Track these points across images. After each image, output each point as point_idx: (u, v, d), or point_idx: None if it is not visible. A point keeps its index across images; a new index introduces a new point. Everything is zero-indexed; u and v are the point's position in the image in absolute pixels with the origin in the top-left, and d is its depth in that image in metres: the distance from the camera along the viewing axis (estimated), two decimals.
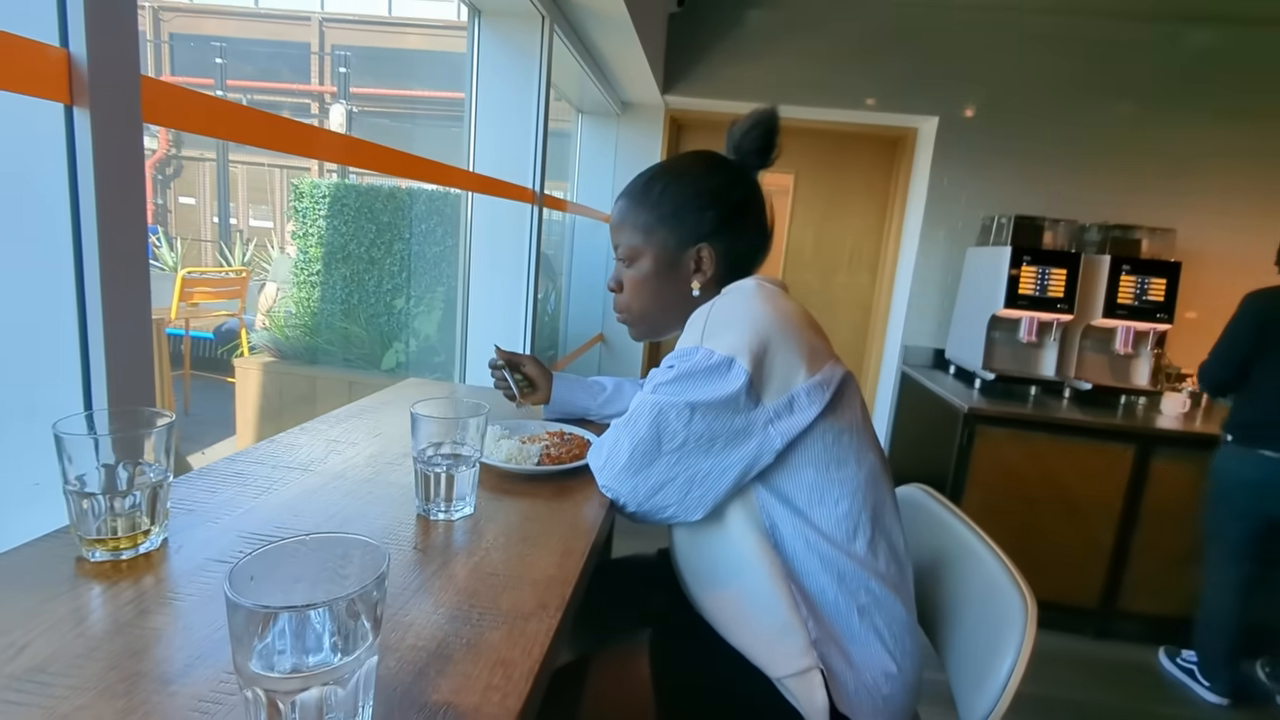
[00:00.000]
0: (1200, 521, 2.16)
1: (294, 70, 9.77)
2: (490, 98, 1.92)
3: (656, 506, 0.80)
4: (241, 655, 0.36)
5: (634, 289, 0.92)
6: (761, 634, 0.76)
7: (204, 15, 9.97)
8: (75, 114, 0.61)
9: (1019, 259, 2.42)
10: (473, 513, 0.75)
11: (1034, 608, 0.74)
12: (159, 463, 0.61)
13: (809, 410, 0.75)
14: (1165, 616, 2.29)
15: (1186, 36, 2.69)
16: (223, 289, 4.15)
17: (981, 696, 0.73)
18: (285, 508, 0.72)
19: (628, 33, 2.08)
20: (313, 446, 0.91)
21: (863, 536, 0.78)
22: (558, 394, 1.12)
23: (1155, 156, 2.77)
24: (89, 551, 0.58)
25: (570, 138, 3.24)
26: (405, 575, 0.61)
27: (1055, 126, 2.79)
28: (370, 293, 2.85)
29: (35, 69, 0.58)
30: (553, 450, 0.92)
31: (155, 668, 0.45)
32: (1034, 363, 2.57)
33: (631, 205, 0.91)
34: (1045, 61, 2.77)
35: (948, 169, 2.87)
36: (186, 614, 0.51)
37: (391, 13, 10.00)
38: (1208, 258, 2.76)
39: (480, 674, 0.48)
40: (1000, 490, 2.28)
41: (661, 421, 0.77)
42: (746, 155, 0.91)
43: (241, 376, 2.94)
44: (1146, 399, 2.49)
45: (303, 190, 2.85)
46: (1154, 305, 2.43)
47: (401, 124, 9.11)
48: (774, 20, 2.87)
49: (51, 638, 0.47)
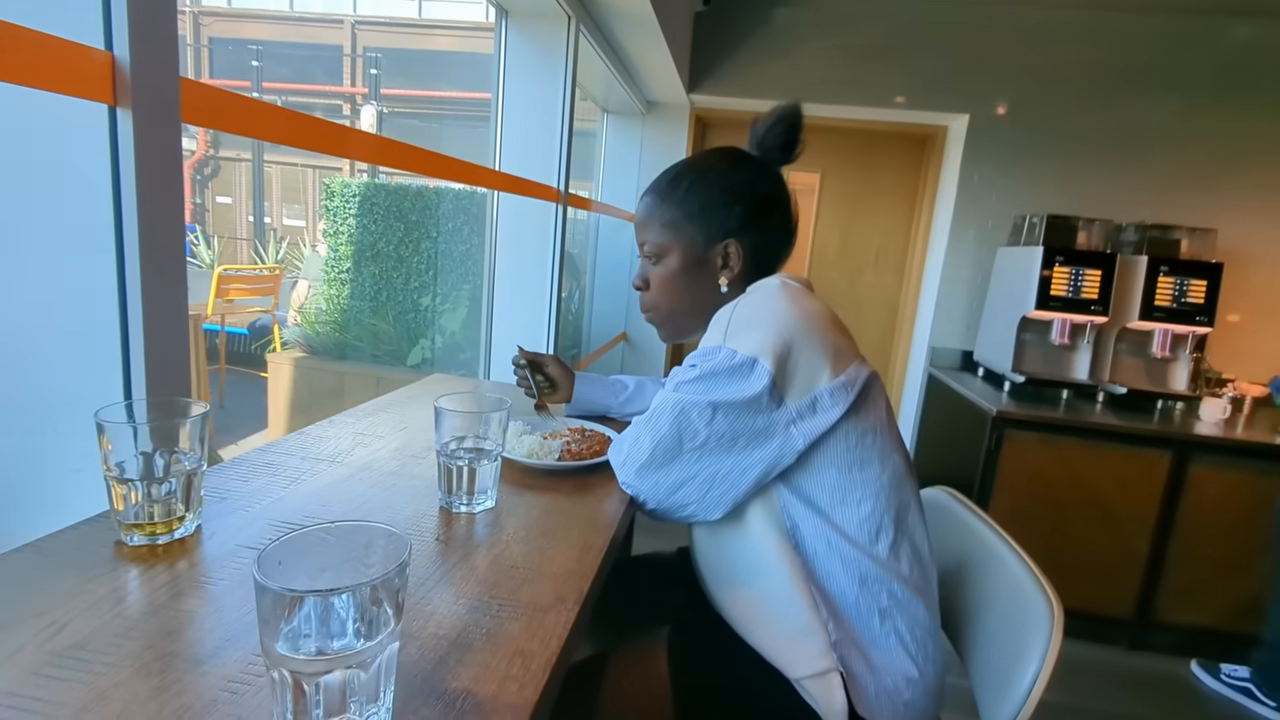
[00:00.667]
0: (1245, 532, 2.10)
1: (327, 72, 9.97)
2: (516, 98, 1.94)
3: (676, 504, 0.80)
4: (269, 637, 0.38)
5: (661, 286, 0.92)
6: (781, 635, 0.76)
7: (242, 19, 10.23)
8: (118, 114, 0.63)
9: (1051, 259, 2.36)
10: (494, 506, 0.76)
11: (1060, 613, 0.72)
12: (194, 451, 0.63)
13: (832, 411, 0.75)
14: (1203, 628, 2.22)
15: (1227, 31, 2.60)
16: (257, 286, 4.26)
17: (1005, 703, 0.72)
18: (313, 497, 0.73)
19: (653, 32, 2.08)
20: (340, 439, 0.93)
21: (885, 539, 0.77)
22: (579, 391, 1.13)
23: (1195, 154, 2.69)
24: (127, 536, 0.60)
25: (595, 137, 3.25)
26: (427, 566, 0.62)
27: (1090, 124, 2.72)
28: (398, 290, 2.90)
29: (82, 71, 0.60)
30: (574, 446, 0.93)
31: (188, 648, 0.47)
32: (1066, 365, 2.51)
33: (658, 202, 0.91)
34: (1079, 57, 2.70)
35: (978, 167, 2.82)
36: (218, 597, 0.53)
37: (421, 15, 10.14)
38: (1251, 258, 2.67)
39: (499, 664, 0.49)
40: (1029, 495, 2.23)
41: (683, 420, 0.77)
42: (770, 151, 0.91)
43: (274, 371, 3.01)
44: (1184, 404, 2.41)
45: (334, 189, 2.90)
46: (1193, 307, 2.36)
47: (430, 124, 9.24)
48: (801, 18, 2.85)
49: (91, 617, 0.49)
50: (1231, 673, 2.09)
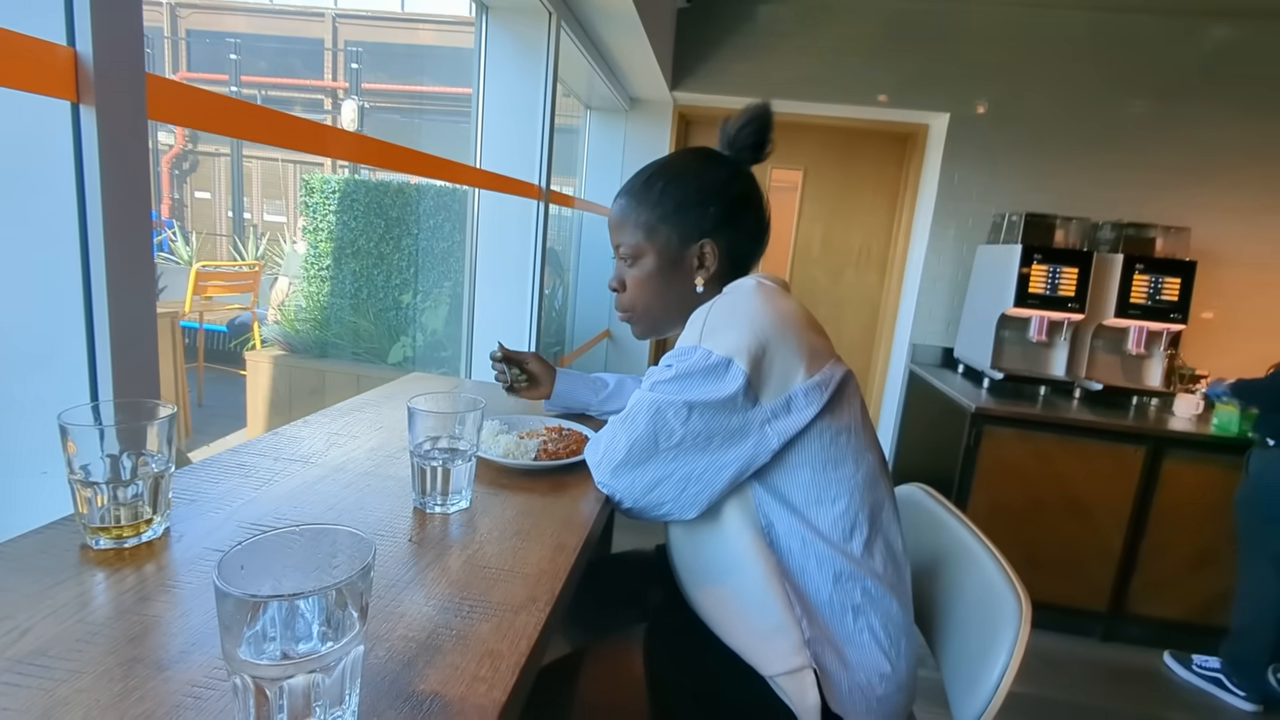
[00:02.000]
0: (1216, 525, 2.14)
1: (308, 66, 9.83)
2: (497, 94, 1.93)
3: (652, 503, 0.80)
4: (230, 643, 0.37)
5: (638, 287, 0.93)
6: (755, 632, 0.77)
7: (221, 11, 10.05)
8: (82, 111, 0.62)
9: (1029, 257, 2.40)
10: (468, 506, 0.76)
11: (1028, 608, 0.73)
12: (161, 453, 0.62)
13: (806, 411, 0.75)
14: (1175, 621, 2.27)
15: (1203, 31, 2.65)
16: (236, 283, 4.20)
17: (974, 696, 0.73)
18: (285, 499, 0.73)
19: (635, 29, 2.08)
20: (315, 439, 0.93)
21: (860, 536, 0.78)
22: (560, 388, 1.13)
23: (1170, 154, 2.73)
24: (93, 539, 0.59)
25: (578, 133, 3.25)
26: (399, 567, 0.62)
27: (1068, 123, 2.76)
28: (379, 287, 2.87)
29: (43, 67, 0.59)
30: (550, 445, 0.93)
31: (152, 653, 0.46)
32: (1044, 362, 2.55)
33: (632, 204, 0.91)
34: (1058, 57, 2.74)
35: (958, 166, 2.85)
36: (184, 601, 0.53)
37: (403, 9, 10.04)
38: (1224, 257, 2.72)
39: (468, 665, 0.49)
40: (1008, 491, 2.26)
41: (659, 419, 0.77)
42: (741, 150, 0.92)
43: (253, 369, 2.98)
44: (1159, 400, 2.46)
45: (313, 186, 2.87)
46: (1168, 305, 2.40)
47: (411, 119, 9.15)
48: (784, 15, 2.86)
49: (53, 622, 0.48)
50: (1203, 663, 2.14)
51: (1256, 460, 1.97)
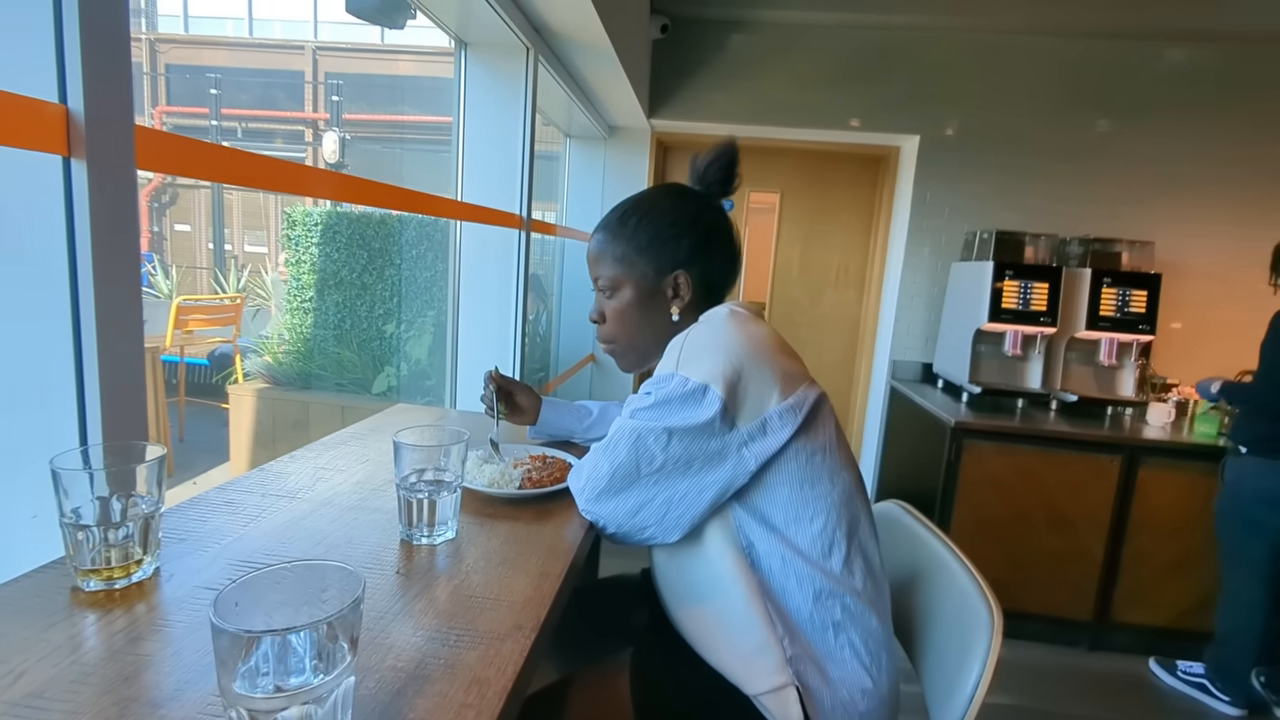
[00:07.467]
0: (1194, 531, 2.18)
1: (289, 98, 9.88)
2: (477, 126, 1.97)
3: (636, 527, 0.82)
4: (225, 677, 0.39)
5: (617, 318, 0.96)
6: (738, 652, 0.78)
7: (200, 46, 10.10)
8: (73, 165, 0.64)
9: (1001, 273, 2.46)
10: (454, 537, 0.78)
11: (999, 619, 0.76)
12: (151, 494, 0.63)
13: (781, 432, 0.78)
14: (1159, 627, 2.31)
15: (1164, 54, 2.76)
16: (217, 315, 4.18)
17: (952, 706, 0.75)
18: (273, 535, 0.74)
19: (611, 61, 2.14)
20: (301, 474, 0.94)
21: (838, 553, 0.81)
22: (545, 416, 1.15)
23: (1133, 170, 2.83)
24: (84, 581, 0.60)
25: (559, 161, 3.30)
26: (387, 599, 0.63)
27: (1034, 143, 2.86)
28: (362, 318, 2.89)
29: (35, 125, 0.61)
30: (534, 474, 0.95)
31: (146, 692, 0.48)
32: (1020, 375, 2.61)
33: (609, 238, 0.95)
34: (1024, 80, 2.84)
35: (930, 186, 2.93)
36: (176, 640, 0.54)
37: (384, 40, 10.14)
38: (1187, 269, 2.81)
39: (456, 693, 0.50)
40: (990, 503, 2.30)
41: (640, 446, 0.79)
42: (710, 185, 0.97)
43: (235, 404, 2.96)
44: (1133, 409, 2.52)
45: (295, 219, 2.89)
46: (1136, 317, 2.47)
47: (392, 149, 9.20)
48: (757, 44, 2.94)
49: (47, 665, 0.49)
50: (1188, 669, 2.16)
51: (1231, 469, 2.02)
